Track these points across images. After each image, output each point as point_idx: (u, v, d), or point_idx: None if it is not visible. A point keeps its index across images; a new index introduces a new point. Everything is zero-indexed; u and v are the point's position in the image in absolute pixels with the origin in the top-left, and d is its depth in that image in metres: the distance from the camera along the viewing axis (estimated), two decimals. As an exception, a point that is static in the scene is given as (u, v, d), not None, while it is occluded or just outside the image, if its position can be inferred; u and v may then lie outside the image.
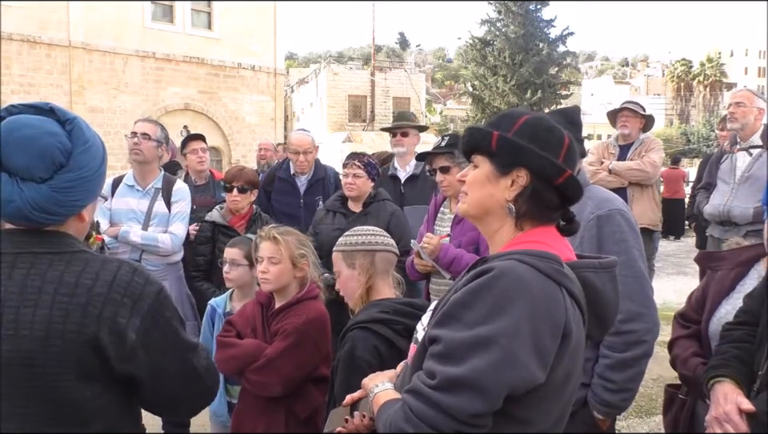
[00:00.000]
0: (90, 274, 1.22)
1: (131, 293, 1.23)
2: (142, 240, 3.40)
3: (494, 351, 1.06)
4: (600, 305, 1.26)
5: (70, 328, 1.17)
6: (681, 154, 29.15)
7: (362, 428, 1.45)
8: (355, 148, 16.59)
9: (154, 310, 1.26)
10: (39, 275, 1.19)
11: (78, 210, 1.29)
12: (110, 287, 1.21)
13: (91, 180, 1.28)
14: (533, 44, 26.75)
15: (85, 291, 1.19)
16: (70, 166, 1.24)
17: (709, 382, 1.78)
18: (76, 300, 1.18)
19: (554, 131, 1.28)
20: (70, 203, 1.25)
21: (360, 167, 3.46)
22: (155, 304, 1.27)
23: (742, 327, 1.85)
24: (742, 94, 4.24)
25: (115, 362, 1.22)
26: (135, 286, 1.24)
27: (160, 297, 1.29)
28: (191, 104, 19.12)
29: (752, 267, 2.07)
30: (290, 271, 2.44)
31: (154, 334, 1.26)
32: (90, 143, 1.29)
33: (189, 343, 1.37)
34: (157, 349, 1.28)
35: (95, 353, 1.19)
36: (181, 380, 1.36)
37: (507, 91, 26.17)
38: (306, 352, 2.34)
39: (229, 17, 19.53)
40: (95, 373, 1.21)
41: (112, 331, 1.20)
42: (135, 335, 1.22)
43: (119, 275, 1.24)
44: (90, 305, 1.19)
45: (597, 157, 4.90)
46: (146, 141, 3.47)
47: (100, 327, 1.19)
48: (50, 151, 1.22)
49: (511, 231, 1.28)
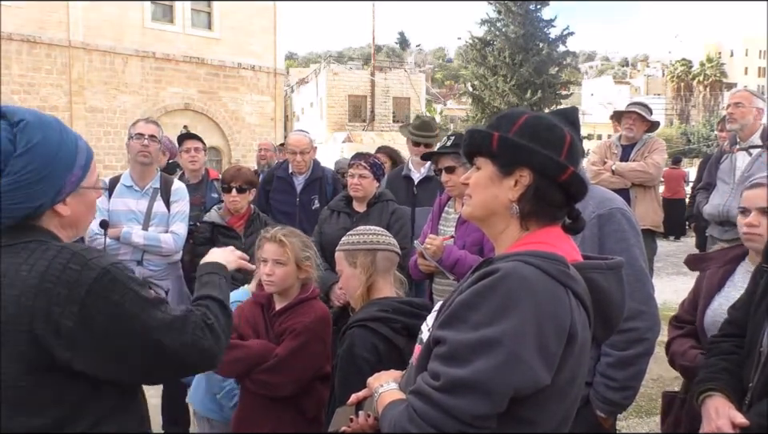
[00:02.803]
0: (27, 265, 1.22)
1: (65, 281, 1.21)
2: (144, 241, 3.40)
3: (498, 353, 1.06)
4: (606, 306, 1.25)
5: (7, 320, 1.19)
6: (681, 154, 29.15)
7: (366, 428, 1.45)
8: (355, 148, 16.59)
9: (93, 295, 1.22)
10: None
11: (27, 212, 1.27)
12: (42, 277, 1.20)
13: (36, 181, 1.26)
14: (533, 44, 26.77)
15: (20, 283, 1.20)
16: (6, 170, 1.23)
17: (699, 396, 1.76)
18: (11, 292, 1.19)
19: (554, 129, 1.28)
20: (12, 207, 1.25)
21: (366, 168, 3.47)
22: (94, 289, 1.23)
23: (729, 339, 1.86)
24: (741, 94, 4.24)
25: (57, 351, 1.21)
26: (69, 273, 1.22)
27: (102, 281, 1.24)
28: (191, 104, 19.12)
29: (738, 264, 2.17)
30: (294, 272, 2.44)
31: (97, 319, 1.23)
32: (33, 144, 1.26)
33: (150, 322, 1.29)
34: (103, 335, 1.24)
35: (34, 345, 1.20)
36: (145, 361, 1.31)
37: (507, 91, 26.19)
38: (315, 351, 2.36)
39: (229, 17, 19.54)
40: (40, 364, 1.21)
41: (48, 321, 1.19)
42: (72, 323, 1.20)
43: (53, 263, 1.22)
44: (23, 296, 1.19)
45: (599, 157, 4.90)
46: (154, 143, 3.49)
47: (33, 319, 1.19)
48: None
49: (516, 232, 1.28)
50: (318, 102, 34.15)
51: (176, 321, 1.34)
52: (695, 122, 55.04)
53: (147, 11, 18.22)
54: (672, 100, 62.97)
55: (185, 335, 1.34)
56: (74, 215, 1.37)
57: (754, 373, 1.68)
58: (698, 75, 62.39)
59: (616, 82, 74.32)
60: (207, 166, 4.71)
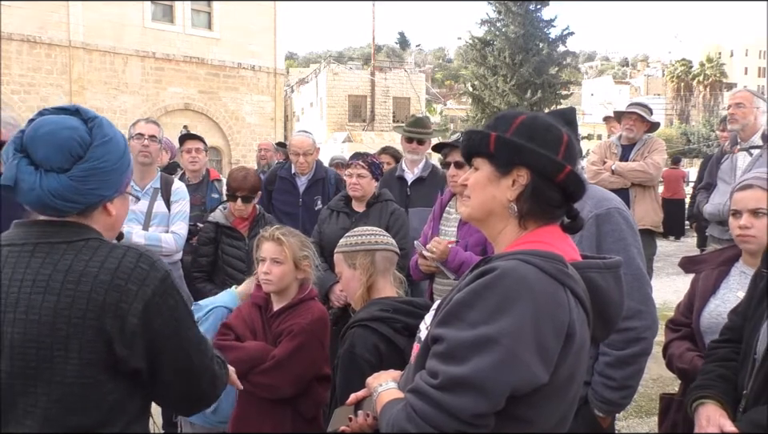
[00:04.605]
0: (96, 261, 1.27)
1: (135, 279, 1.27)
2: (145, 241, 3.39)
3: (496, 351, 1.06)
4: (604, 305, 1.26)
5: (76, 314, 1.23)
6: (681, 154, 29.15)
7: (365, 427, 1.45)
8: (355, 148, 16.61)
9: (158, 295, 1.29)
10: (52, 264, 1.27)
11: (97, 199, 1.34)
12: (114, 273, 1.26)
13: (109, 171, 1.34)
14: (533, 44, 26.72)
15: (90, 279, 1.25)
16: (86, 157, 1.32)
17: (692, 404, 1.76)
18: (81, 287, 1.24)
19: (551, 129, 1.29)
20: (87, 191, 1.32)
21: (364, 167, 3.47)
22: (159, 290, 1.30)
23: (728, 345, 1.85)
24: (742, 95, 4.25)
25: (117, 346, 1.26)
26: (139, 271, 1.28)
27: (166, 283, 1.32)
28: (191, 104, 19.13)
29: (732, 265, 2.17)
30: (292, 272, 2.43)
31: (156, 320, 1.29)
32: (108, 138, 1.36)
33: (191, 337, 1.38)
34: (156, 336, 1.30)
35: (99, 337, 1.24)
36: (175, 375, 1.36)
37: (507, 91, 26.16)
38: (313, 352, 2.35)
39: (229, 17, 19.53)
40: (99, 360, 1.26)
41: (116, 316, 1.25)
42: (137, 319, 1.26)
43: (123, 261, 1.28)
44: (94, 292, 1.24)
45: (599, 157, 4.90)
46: (154, 143, 3.49)
47: (104, 313, 1.24)
48: (68, 144, 1.30)
49: (515, 231, 1.28)
50: (318, 102, 34.16)
51: (203, 341, 1.43)
52: (695, 122, 55.01)
53: (147, 11, 18.23)
54: (672, 100, 62.89)
55: (206, 357, 1.42)
56: (117, 216, 1.43)
57: (748, 380, 1.68)
58: (698, 75, 62.33)
59: (616, 82, 74.27)
60: (207, 166, 4.71)
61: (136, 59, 18.05)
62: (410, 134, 4.17)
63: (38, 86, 16.49)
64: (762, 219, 2.01)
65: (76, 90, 17.09)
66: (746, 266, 2.12)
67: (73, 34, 16.89)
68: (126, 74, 17.94)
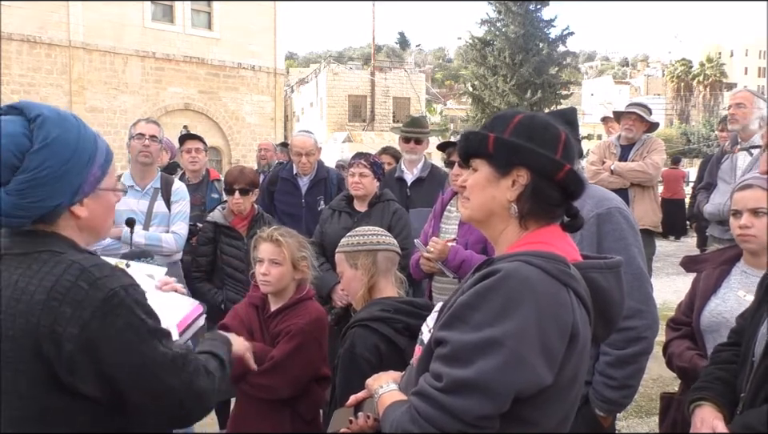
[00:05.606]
0: (36, 279, 1.17)
1: (71, 300, 1.15)
2: (145, 241, 3.39)
3: (501, 353, 1.06)
4: (606, 305, 1.26)
5: (17, 334, 1.15)
6: (681, 154, 29.14)
7: (366, 429, 1.44)
8: (355, 148, 16.61)
9: (97, 318, 1.16)
10: (7, 277, 1.18)
11: (47, 210, 1.23)
12: (49, 293, 1.15)
13: (54, 178, 1.21)
14: (533, 44, 26.71)
15: (28, 298, 1.16)
16: (23, 167, 1.19)
17: (690, 405, 1.78)
18: (20, 307, 1.16)
19: (549, 128, 1.28)
20: (29, 205, 1.20)
21: (366, 167, 3.47)
22: (99, 312, 1.16)
23: (732, 348, 1.85)
24: (743, 95, 4.25)
25: (60, 371, 1.16)
26: (76, 292, 1.15)
27: (109, 304, 1.17)
28: (191, 104, 19.13)
29: (734, 265, 2.17)
30: (290, 272, 2.42)
31: (101, 346, 1.16)
32: (51, 139, 1.21)
33: (156, 357, 1.23)
34: (104, 363, 1.17)
35: (38, 360, 1.16)
36: (148, 398, 1.24)
37: (507, 91, 26.14)
38: (311, 353, 2.34)
39: (229, 17, 19.54)
40: (52, 382, 1.17)
41: (51, 340, 1.14)
42: (73, 345, 1.14)
43: (61, 279, 1.16)
44: (30, 313, 1.15)
45: (598, 157, 4.91)
46: (155, 143, 3.50)
47: (40, 336, 1.14)
48: (4, 156, 1.18)
49: (516, 232, 1.28)
50: (318, 102, 34.17)
51: (177, 358, 1.28)
52: (695, 122, 54.97)
53: (147, 11, 18.23)
54: (672, 100, 62.86)
55: (184, 373, 1.28)
56: (91, 218, 1.31)
57: (746, 383, 1.68)
58: (698, 75, 62.30)
59: (616, 82, 74.28)
60: (207, 166, 4.71)
61: (136, 59, 18.06)
62: (407, 133, 4.18)
63: (37, 86, 16.49)
64: (762, 218, 2.01)
65: (76, 90, 17.09)
66: (747, 265, 2.12)
67: (73, 34, 16.89)
68: (126, 74, 17.95)
